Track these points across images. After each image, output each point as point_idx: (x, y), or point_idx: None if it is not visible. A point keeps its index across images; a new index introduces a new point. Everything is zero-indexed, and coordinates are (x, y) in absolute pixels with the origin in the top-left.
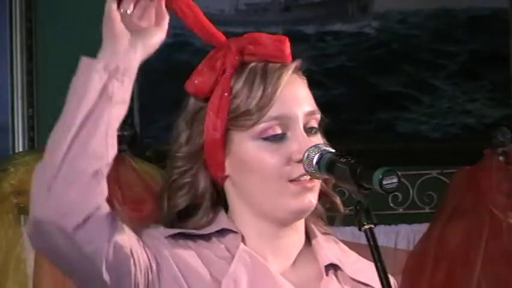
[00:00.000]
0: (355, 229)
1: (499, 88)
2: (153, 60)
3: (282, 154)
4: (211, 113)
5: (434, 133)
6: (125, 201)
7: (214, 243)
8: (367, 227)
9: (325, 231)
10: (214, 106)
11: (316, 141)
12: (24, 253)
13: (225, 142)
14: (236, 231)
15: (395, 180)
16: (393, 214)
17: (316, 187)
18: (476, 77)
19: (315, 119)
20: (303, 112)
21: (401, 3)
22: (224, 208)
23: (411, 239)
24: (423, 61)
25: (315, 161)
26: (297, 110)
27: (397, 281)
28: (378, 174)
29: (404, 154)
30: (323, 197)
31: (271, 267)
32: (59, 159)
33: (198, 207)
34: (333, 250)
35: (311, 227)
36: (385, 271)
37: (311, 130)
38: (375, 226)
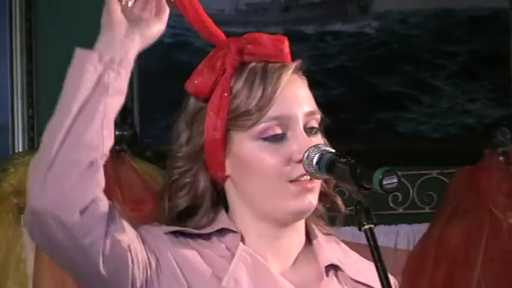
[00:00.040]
0: (355, 229)
1: (499, 88)
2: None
3: (281, 154)
4: (212, 113)
5: (434, 133)
6: (125, 201)
7: (214, 242)
8: (367, 227)
9: (326, 231)
10: (215, 106)
11: (316, 142)
12: (24, 253)
13: (225, 142)
14: (236, 230)
15: (395, 180)
16: (393, 214)
17: (316, 188)
18: (476, 77)
19: (315, 119)
20: (303, 112)
21: (401, 3)
22: (225, 208)
23: (411, 239)
24: (423, 61)
25: (315, 161)
26: (297, 110)
27: (397, 281)
28: (378, 174)
29: (404, 154)
30: (324, 197)
31: (271, 268)
32: (54, 150)
33: (198, 207)
34: (334, 250)
35: (312, 227)
36: (385, 271)
37: (311, 130)
38: (375, 226)
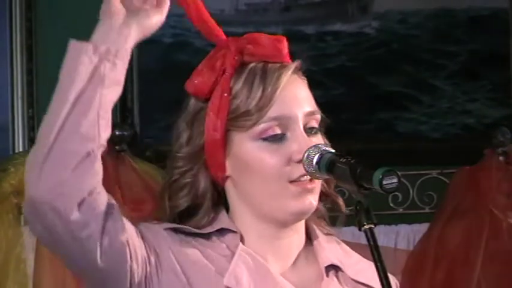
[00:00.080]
0: (355, 229)
1: (499, 88)
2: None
3: (281, 154)
4: (212, 113)
5: (434, 133)
6: (125, 201)
7: (215, 242)
8: (367, 227)
9: (327, 231)
10: (215, 106)
11: (316, 142)
12: (24, 253)
13: (226, 142)
14: (235, 230)
15: (395, 180)
16: (393, 214)
17: (316, 188)
18: (476, 77)
19: (315, 119)
20: (303, 112)
21: (401, 3)
22: (225, 208)
23: (411, 239)
24: (423, 61)
25: (315, 161)
26: (297, 110)
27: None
28: (378, 174)
29: (404, 154)
30: (325, 197)
31: (271, 268)
32: (51, 140)
33: (199, 208)
34: (334, 251)
35: (312, 228)
36: (385, 271)
37: (311, 130)
38: (375, 226)
